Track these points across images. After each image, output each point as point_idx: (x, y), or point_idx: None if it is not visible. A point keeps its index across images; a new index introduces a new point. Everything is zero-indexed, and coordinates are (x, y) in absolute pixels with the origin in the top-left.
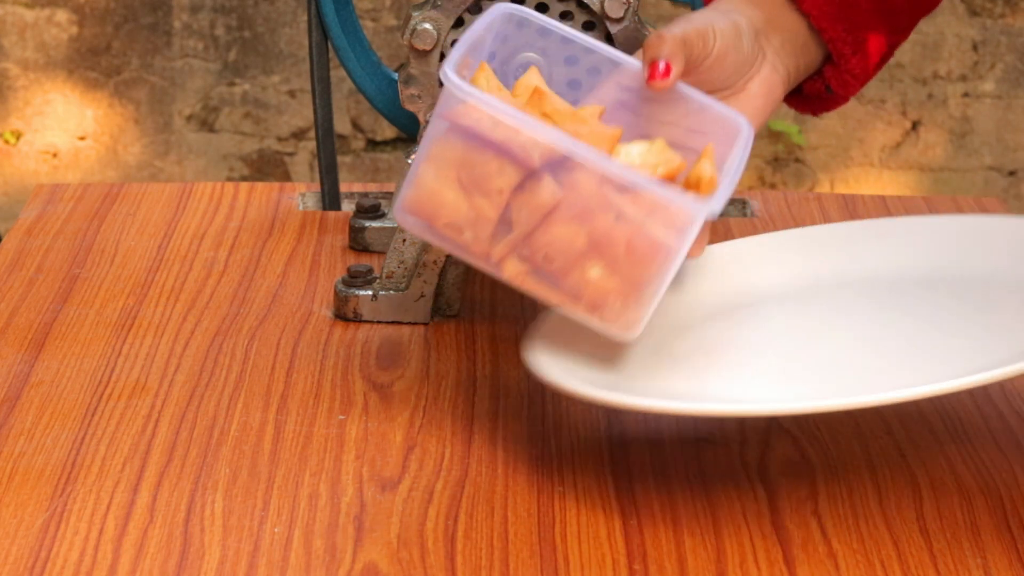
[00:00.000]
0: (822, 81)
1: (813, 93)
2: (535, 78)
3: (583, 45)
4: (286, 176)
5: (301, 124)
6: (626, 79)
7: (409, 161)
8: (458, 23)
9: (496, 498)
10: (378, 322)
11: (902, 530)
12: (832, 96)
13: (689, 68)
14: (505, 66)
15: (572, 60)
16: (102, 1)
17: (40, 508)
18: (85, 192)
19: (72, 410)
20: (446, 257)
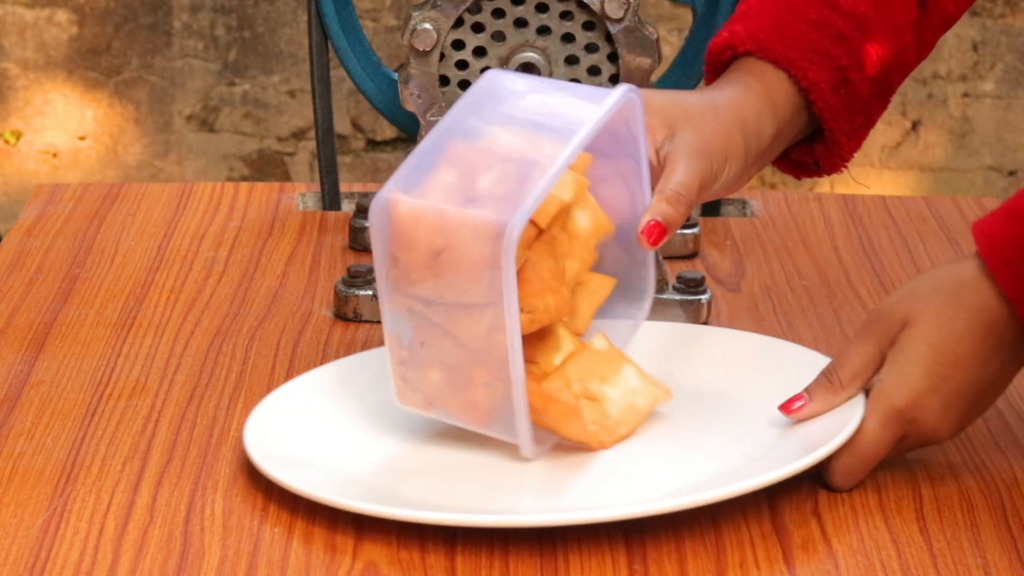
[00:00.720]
0: (811, 155)
1: (799, 161)
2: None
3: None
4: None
5: (301, 124)
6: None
7: None
8: (458, 23)
9: None
10: (378, 322)
11: (902, 530)
12: (817, 170)
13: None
14: (505, 64)
15: (573, 60)
16: (102, 1)
17: (40, 508)
18: (85, 192)
19: (72, 410)
20: None
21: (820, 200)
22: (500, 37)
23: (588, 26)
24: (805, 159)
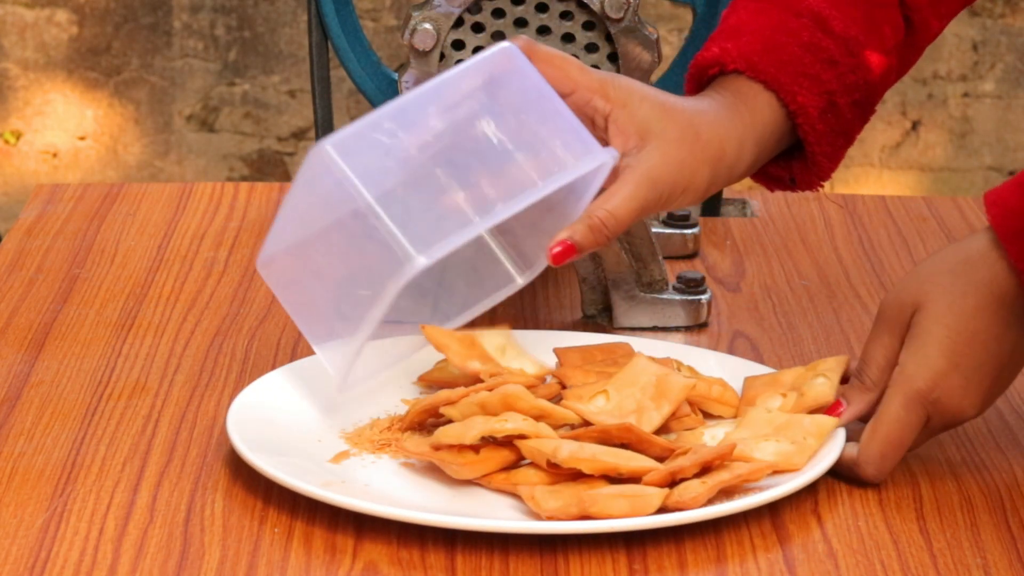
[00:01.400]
0: (789, 171)
1: (775, 175)
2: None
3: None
4: (286, 176)
5: (301, 124)
6: None
7: None
8: (458, 23)
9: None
10: None
11: (902, 530)
12: (792, 186)
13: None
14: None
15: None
16: (102, 1)
17: (40, 508)
18: (85, 192)
19: (72, 410)
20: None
21: (820, 200)
22: (500, 37)
23: (588, 26)
24: (782, 174)
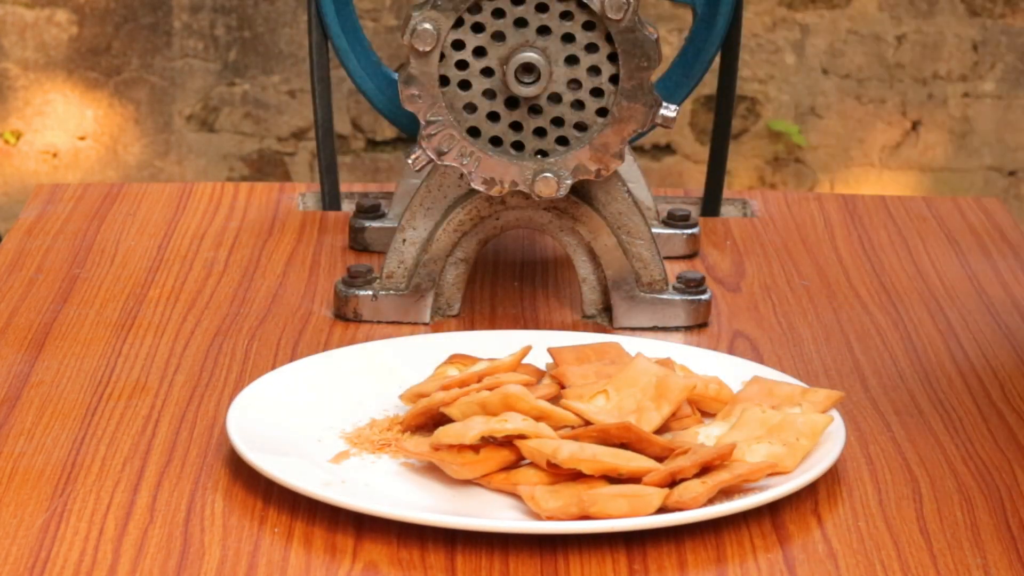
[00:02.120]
0: None
1: None
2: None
3: None
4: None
5: (301, 124)
6: None
7: (409, 161)
8: (458, 23)
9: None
10: (378, 322)
11: (902, 530)
12: None
13: None
14: (505, 64)
15: (573, 60)
16: (102, 1)
17: (40, 508)
18: (85, 192)
19: (72, 410)
20: (446, 257)
21: (820, 200)
22: (500, 37)
23: (588, 26)
24: None
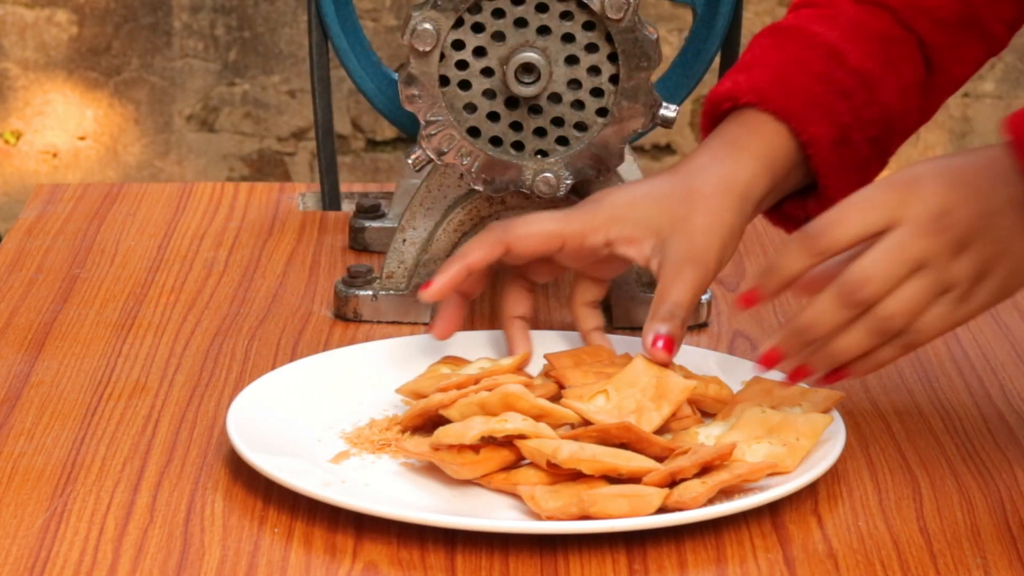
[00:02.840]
0: (804, 210)
1: (792, 214)
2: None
3: None
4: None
5: (301, 124)
6: None
7: (409, 161)
8: (458, 23)
9: None
10: (378, 322)
11: (902, 530)
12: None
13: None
14: (505, 64)
15: (573, 60)
16: (102, 1)
17: (40, 508)
18: (85, 192)
19: (72, 410)
20: (446, 257)
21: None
22: (500, 37)
23: (588, 26)
24: (798, 213)
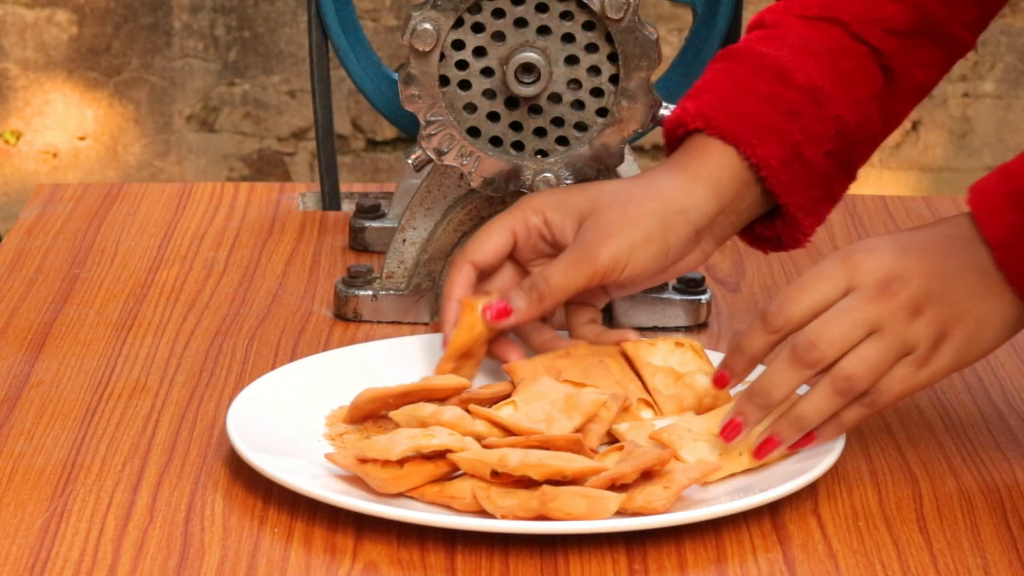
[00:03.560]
0: (774, 231)
1: (763, 235)
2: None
3: None
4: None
5: (301, 124)
6: None
7: (409, 161)
8: (458, 23)
9: None
10: (378, 322)
11: (902, 530)
12: (780, 245)
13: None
14: (505, 65)
15: (573, 60)
16: (102, 1)
17: (40, 508)
18: (85, 192)
19: (72, 410)
20: (446, 257)
21: None
22: (500, 37)
23: (588, 26)
24: (769, 234)
